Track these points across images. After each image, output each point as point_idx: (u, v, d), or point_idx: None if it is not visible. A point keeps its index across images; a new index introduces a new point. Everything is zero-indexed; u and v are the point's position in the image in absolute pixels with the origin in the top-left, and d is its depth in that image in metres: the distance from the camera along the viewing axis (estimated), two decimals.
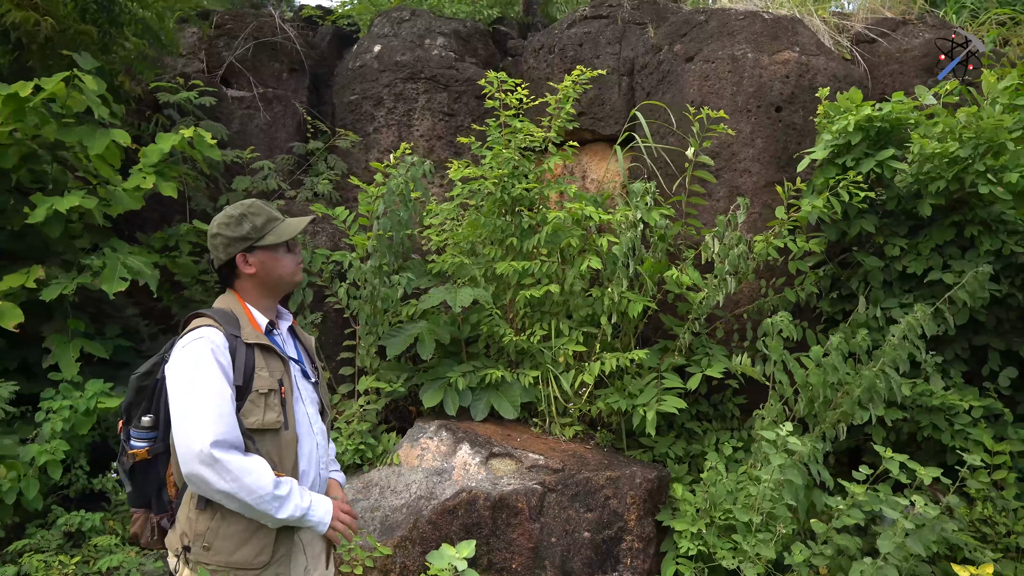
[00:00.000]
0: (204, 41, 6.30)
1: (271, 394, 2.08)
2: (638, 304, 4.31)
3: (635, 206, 4.36)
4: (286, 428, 2.10)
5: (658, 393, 4.22)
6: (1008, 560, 3.64)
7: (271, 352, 2.15)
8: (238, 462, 1.94)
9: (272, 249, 2.23)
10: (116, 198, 4.49)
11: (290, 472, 2.11)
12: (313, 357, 2.43)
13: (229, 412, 1.97)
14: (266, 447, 2.06)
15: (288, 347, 2.31)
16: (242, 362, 2.06)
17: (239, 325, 2.14)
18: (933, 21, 5.95)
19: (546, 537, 3.80)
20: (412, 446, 4.25)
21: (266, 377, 2.09)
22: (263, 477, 1.96)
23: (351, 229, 4.87)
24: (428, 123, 6.07)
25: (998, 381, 4.19)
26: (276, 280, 2.25)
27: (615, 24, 5.96)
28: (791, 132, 4.90)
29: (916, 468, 3.30)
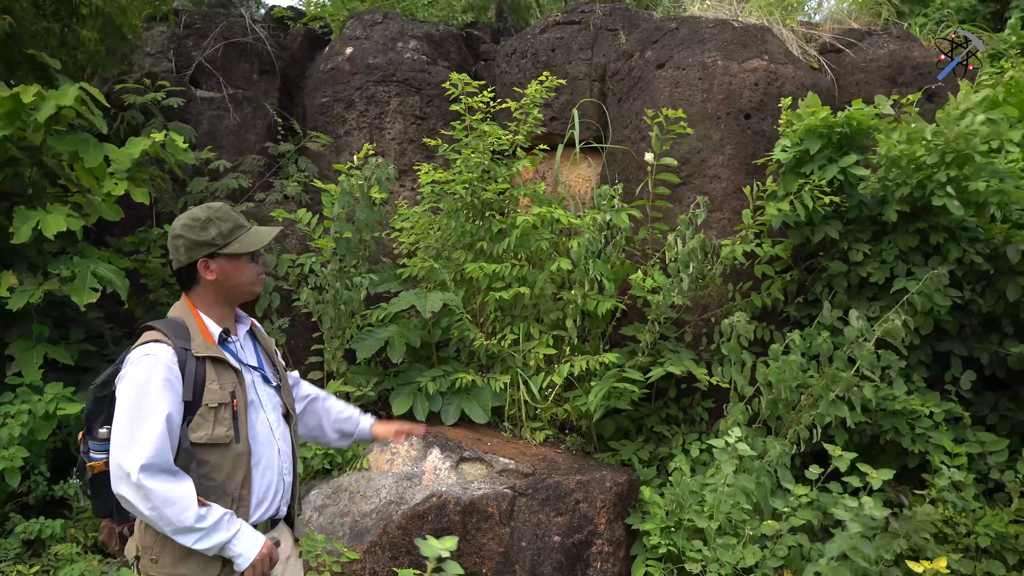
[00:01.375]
0: (173, 40, 6.21)
1: (221, 408, 2.04)
2: (605, 303, 4.33)
3: (602, 208, 4.38)
4: (236, 442, 2.06)
5: (613, 381, 4.23)
6: (968, 559, 3.71)
7: (223, 364, 2.11)
8: (163, 491, 1.89)
9: (236, 258, 2.18)
10: (95, 209, 4.43)
11: (239, 485, 2.06)
12: (275, 360, 2.38)
13: (164, 436, 1.93)
14: (214, 460, 2.03)
15: (246, 353, 2.26)
16: (191, 376, 2.02)
17: (189, 337, 2.09)
18: (898, 32, 6.07)
19: (516, 541, 3.79)
20: (382, 451, 4.22)
21: (216, 391, 2.05)
22: (185, 511, 1.90)
23: (315, 232, 4.84)
24: (400, 126, 6.05)
25: (959, 385, 4.27)
26: (236, 289, 2.20)
27: (587, 30, 6.00)
28: (760, 139, 4.96)
29: (868, 471, 3.34)
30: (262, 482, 2.14)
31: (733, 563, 3.45)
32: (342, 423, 2.62)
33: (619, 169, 5.40)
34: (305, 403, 2.59)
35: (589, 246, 4.32)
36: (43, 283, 4.23)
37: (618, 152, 5.44)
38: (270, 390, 2.27)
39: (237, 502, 2.06)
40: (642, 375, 4.31)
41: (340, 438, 2.65)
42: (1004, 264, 4.16)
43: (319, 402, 2.61)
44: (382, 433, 2.64)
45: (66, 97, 4.11)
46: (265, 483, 2.15)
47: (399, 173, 5.99)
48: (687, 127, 4.73)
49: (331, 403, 2.63)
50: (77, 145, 4.32)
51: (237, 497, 2.06)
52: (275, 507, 2.20)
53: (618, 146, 5.21)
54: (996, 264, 4.18)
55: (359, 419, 2.64)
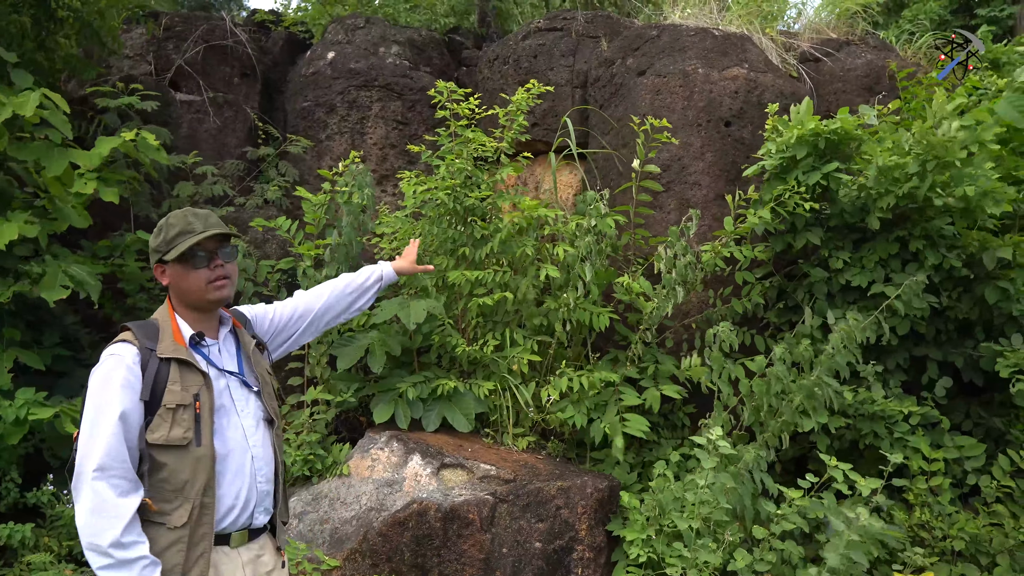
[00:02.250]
0: (152, 43, 6.16)
1: (180, 409, 2.02)
2: (603, 318, 4.36)
3: (588, 213, 4.40)
4: (197, 444, 2.03)
5: (619, 411, 4.24)
6: (943, 563, 3.75)
7: (189, 366, 2.09)
8: (103, 498, 1.89)
9: (180, 264, 2.15)
10: (63, 215, 4.37)
11: (201, 491, 2.02)
12: (258, 363, 2.33)
13: (118, 436, 1.94)
14: (172, 463, 2.00)
15: (223, 358, 2.23)
16: (151, 377, 2.03)
17: (159, 337, 2.10)
18: (875, 43, 6.16)
19: (497, 548, 3.78)
20: (363, 457, 4.20)
21: (177, 392, 2.03)
22: (106, 530, 1.88)
23: (296, 238, 4.81)
24: (381, 131, 6.03)
25: (935, 390, 4.33)
26: (187, 294, 2.18)
27: (569, 37, 6.03)
28: (740, 147, 5.01)
29: (857, 479, 3.37)
30: (230, 489, 2.10)
31: (714, 565, 3.47)
32: (365, 288, 2.77)
33: (601, 175, 5.42)
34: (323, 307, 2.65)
35: (581, 252, 4.34)
36: (12, 285, 4.16)
37: (600, 158, 5.46)
38: (249, 395, 2.23)
39: (199, 509, 2.02)
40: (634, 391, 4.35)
41: (372, 297, 2.82)
42: (981, 270, 4.22)
43: (336, 295, 2.69)
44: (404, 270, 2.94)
45: (27, 105, 4.07)
46: (234, 490, 2.11)
47: (380, 178, 5.98)
48: (670, 136, 4.76)
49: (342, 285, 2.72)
50: (39, 153, 4.29)
51: (199, 504, 2.02)
52: (250, 516, 2.15)
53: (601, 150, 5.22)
54: (973, 270, 4.25)
55: (381, 273, 2.82)
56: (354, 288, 2.74)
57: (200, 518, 2.02)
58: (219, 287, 2.17)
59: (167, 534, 2.00)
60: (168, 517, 2.00)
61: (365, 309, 2.84)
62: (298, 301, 2.63)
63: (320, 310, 2.64)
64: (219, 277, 2.17)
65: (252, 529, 2.18)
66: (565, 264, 4.44)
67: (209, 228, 2.15)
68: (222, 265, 2.18)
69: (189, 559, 2.00)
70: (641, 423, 4.17)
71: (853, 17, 6.46)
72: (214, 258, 2.17)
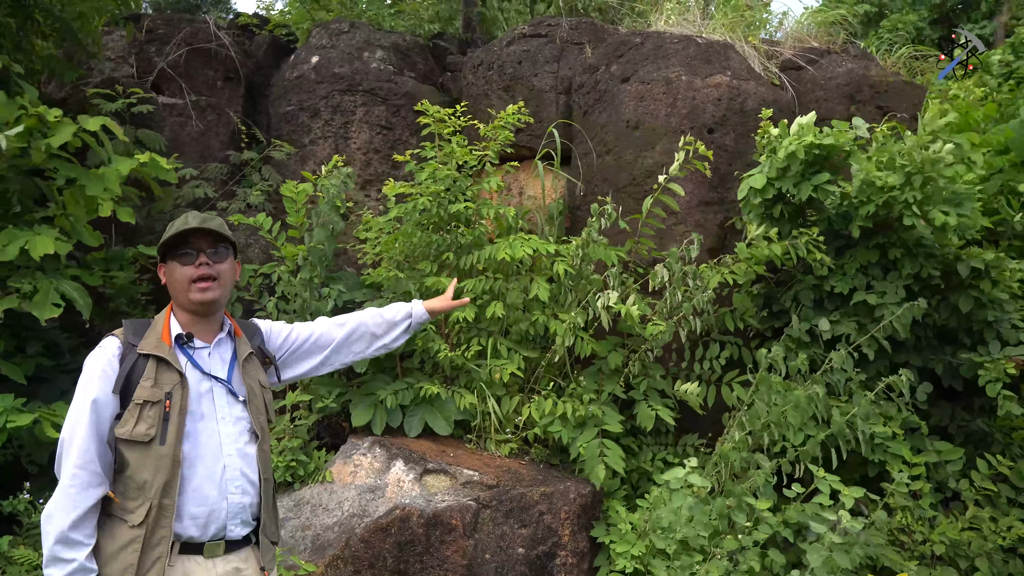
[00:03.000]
0: (134, 45, 6.11)
1: (148, 406, 2.02)
2: (587, 347, 4.41)
3: (589, 226, 4.39)
4: (160, 443, 2.01)
5: (598, 434, 4.23)
6: (924, 567, 3.78)
7: (166, 364, 2.08)
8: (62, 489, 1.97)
9: (171, 261, 2.18)
10: (76, 233, 4.47)
11: (160, 492, 1.99)
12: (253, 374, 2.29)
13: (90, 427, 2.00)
14: (135, 459, 2.01)
15: (212, 363, 2.21)
16: (127, 371, 2.06)
17: (145, 334, 2.14)
18: (855, 52, 6.23)
19: (480, 554, 3.77)
20: (345, 463, 4.17)
21: (148, 388, 2.04)
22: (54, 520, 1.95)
23: (278, 240, 4.78)
24: (365, 136, 6.02)
25: (916, 396, 4.36)
26: (174, 294, 2.20)
27: (553, 43, 6.04)
28: (723, 153, 5.04)
29: (841, 489, 3.39)
30: (196, 495, 2.06)
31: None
32: (393, 323, 2.69)
33: (584, 181, 5.44)
34: (344, 337, 2.58)
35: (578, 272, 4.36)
36: (1, 299, 4.12)
37: (584, 165, 5.48)
38: (234, 404, 2.20)
39: (158, 509, 2.00)
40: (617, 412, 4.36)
41: (401, 336, 2.73)
42: (956, 279, 4.27)
43: (360, 328, 2.62)
44: (437, 310, 2.80)
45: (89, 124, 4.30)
46: (199, 497, 2.07)
47: (364, 183, 5.96)
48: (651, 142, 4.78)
49: (368, 318, 2.66)
50: (78, 173, 4.40)
51: (158, 504, 2.00)
52: (221, 527, 2.11)
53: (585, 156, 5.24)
54: (949, 279, 4.29)
55: (411, 311, 2.73)
56: (380, 322, 2.66)
57: (158, 520, 1.99)
58: (202, 288, 2.15)
59: (127, 532, 1.99)
60: (130, 515, 2.00)
61: (393, 349, 2.73)
62: (317, 325, 2.58)
63: (340, 339, 2.57)
64: (203, 277, 2.15)
65: (229, 541, 2.13)
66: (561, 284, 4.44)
67: (201, 226, 2.15)
68: (208, 264, 2.16)
69: (144, 562, 1.97)
70: (618, 456, 4.14)
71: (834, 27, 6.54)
72: (200, 257, 2.16)
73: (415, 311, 2.72)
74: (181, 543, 2.04)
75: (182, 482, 2.04)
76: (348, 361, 2.63)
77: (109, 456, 2.02)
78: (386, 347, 2.69)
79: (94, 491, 1.97)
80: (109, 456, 2.02)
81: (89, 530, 1.97)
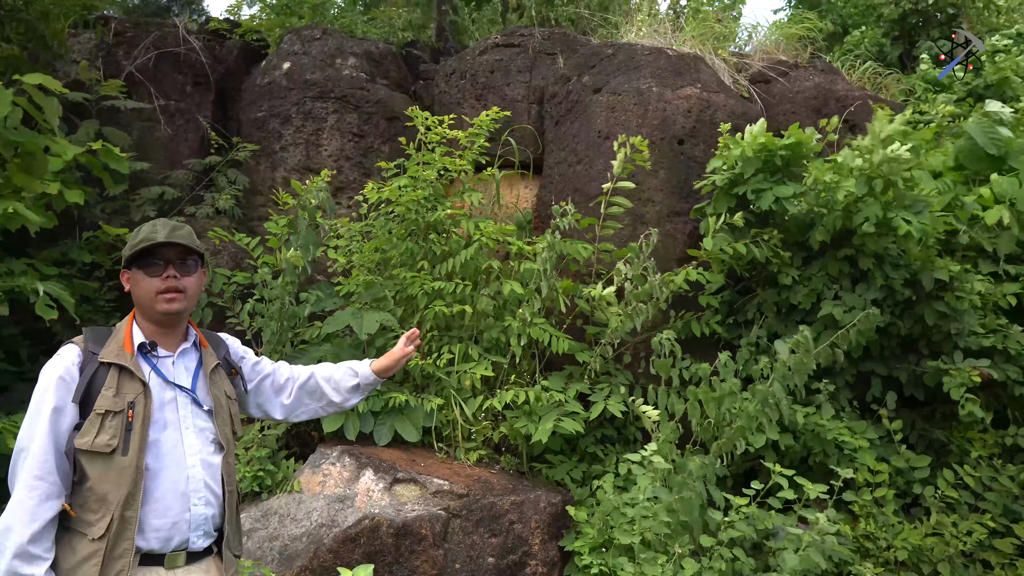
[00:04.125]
0: (102, 48, 6.02)
1: (110, 415, 1.98)
2: (563, 343, 4.39)
3: (551, 226, 4.42)
4: (123, 454, 1.97)
5: (557, 416, 4.26)
6: (888, 572, 3.84)
7: (129, 373, 2.05)
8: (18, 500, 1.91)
9: (137, 270, 2.13)
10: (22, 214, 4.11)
11: (123, 503, 1.96)
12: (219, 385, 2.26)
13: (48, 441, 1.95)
14: (97, 471, 1.96)
15: (176, 372, 2.17)
16: (87, 380, 2.01)
17: (107, 342, 2.09)
18: (822, 66, 6.36)
19: (450, 564, 3.75)
20: (314, 472, 4.13)
21: (110, 397, 2.00)
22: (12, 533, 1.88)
23: (255, 251, 4.75)
24: (337, 143, 5.99)
25: (885, 404, 4.44)
26: (139, 304, 2.16)
27: (526, 53, 6.08)
28: (692, 164, 5.10)
29: (804, 483, 3.44)
30: (158, 506, 2.02)
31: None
32: (344, 383, 2.58)
33: (556, 190, 5.46)
34: (296, 388, 2.53)
35: (544, 267, 4.35)
36: None
37: (556, 173, 5.50)
38: (199, 414, 2.17)
39: (119, 522, 1.95)
40: (581, 405, 4.36)
41: (351, 397, 2.61)
42: (922, 290, 4.36)
43: (313, 380, 2.55)
44: (386, 366, 2.62)
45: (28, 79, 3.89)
46: (162, 507, 2.03)
47: (336, 190, 5.93)
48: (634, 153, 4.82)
49: (323, 372, 2.58)
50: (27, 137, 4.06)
51: (119, 517, 1.95)
52: (183, 539, 2.07)
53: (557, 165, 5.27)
54: (914, 289, 4.39)
55: (358, 369, 2.60)
56: (329, 378, 2.57)
57: (120, 532, 1.95)
58: (169, 299, 2.12)
59: (87, 545, 1.94)
60: (91, 528, 1.95)
61: (344, 408, 2.64)
62: (281, 365, 2.57)
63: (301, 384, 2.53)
64: (170, 289, 2.12)
65: (191, 552, 2.09)
66: (532, 274, 4.45)
67: (170, 238, 2.11)
68: (176, 277, 2.13)
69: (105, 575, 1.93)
70: (574, 425, 4.15)
71: (801, 41, 6.66)
72: (168, 269, 2.13)
73: (362, 373, 2.60)
74: (142, 555, 2.00)
75: (145, 493, 2.00)
76: (301, 412, 2.57)
77: (67, 467, 1.97)
78: (339, 407, 2.62)
79: (54, 503, 1.92)
80: (67, 467, 1.97)
81: (48, 543, 1.92)
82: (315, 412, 2.60)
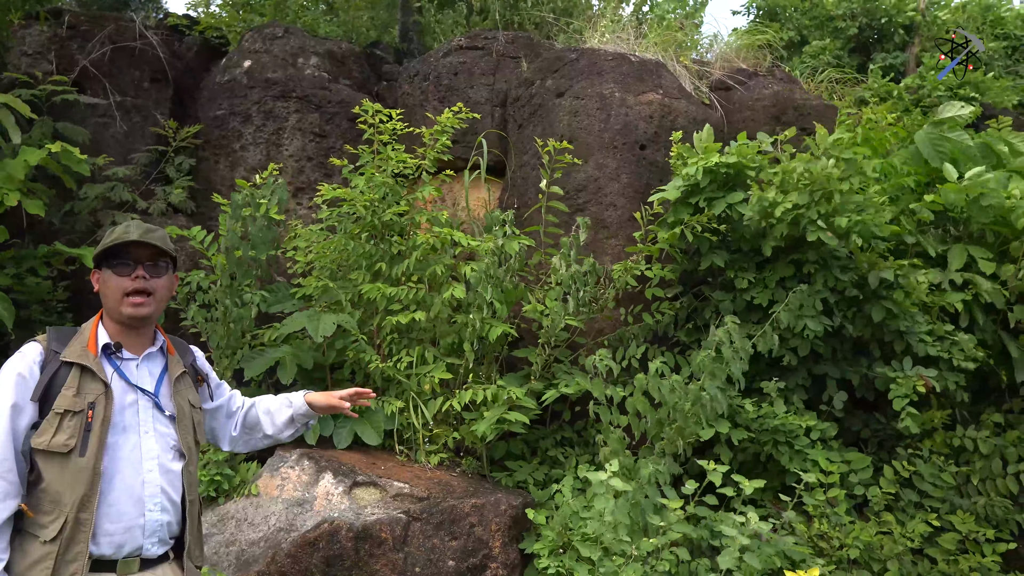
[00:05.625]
0: (55, 41, 5.86)
1: (69, 415, 1.95)
2: (497, 329, 4.37)
3: (495, 234, 4.43)
4: (80, 455, 1.94)
5: (506, 408, 4.27)
6: (841, 571, 3.93)
7: (91, 374, 2.02)
8: None
9: (107, 269, 2.10)
10: None
11: (78, 505, 1.92)
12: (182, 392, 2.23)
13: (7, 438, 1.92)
14: (53, 471, 1.93)
15: (140, 375, 2.14)
16: (48, 379, 1.99)
17: (70, 341, 2.06)
18: (781, 75, 6.49)
19: (410, 567, 3.74)
20: (272, 476, 4.08)
21: (70, 397, 1.97)
22: None
23: (209, 250, 4.67)
24: (298, 143, 5.93)
25: (833, 404, 4.55)
26: (105, 304, 2.13)
27: (490, 56, 6.09)
28: (654, 169, 5.16)
29: (741, 480, 3.48)
30: (112, 510, 1.99)
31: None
32: (279, 415, 2.51)
33: (518, 194, 5.49)
34: (241, 419, 2.49)
35: (486, 270, 4.35)
36: None
37: (518, 177, 5.53)
38: (160, 419, 2.13)
39: (73, 524, 1.91)
40: (536, 401, 4.36)
41: (285, 429, 2.53)
42: (869, 291, 4.48)
43: (253, 410, 2.51)
44: (318, 402, 2.52)
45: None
46: (115, 512, 1.99)
47: (296, 191, 5.87)
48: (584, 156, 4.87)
49: (263, 404, 2.53)
50: None
51: (74, 519, 1.91)
52: (136, 544, 2.03)
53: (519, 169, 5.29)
54: (863, 290, 4.50)
55: (293, 400, 2.53)
56: (267, 410, 2.52)
57: (74, 535, 1.91)
58: (134, 303, 2.09)
59: (38, 548, 1.90)
60: (43, 530, 1.91)
61: (281, 441, 2.57)
62: (235, 392, 2.54)
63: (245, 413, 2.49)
64: (137, 291, 2.09)
65: (145, 559, 2.05)
66: (478, 279, 4.45)
67: (142, 238, 2.08)
68: (146, 278, 2.10)
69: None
70: (520, 417, 4.16)
71: (761, 49, 6.79)
72: (138, 269, 2.10)
73: (295, 404, 2.51)
74: (93, 560, 1.96)
75: (101, 496, 1.97)
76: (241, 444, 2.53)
77: (23, 466, 1.93)
78: (274, 440, 2.56)
79: (11, 502, 1.89)
80: (23, 466, 1.93)
81: (3, 543, 1.89)
82: (253, 444, 2.55)
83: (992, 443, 4.45)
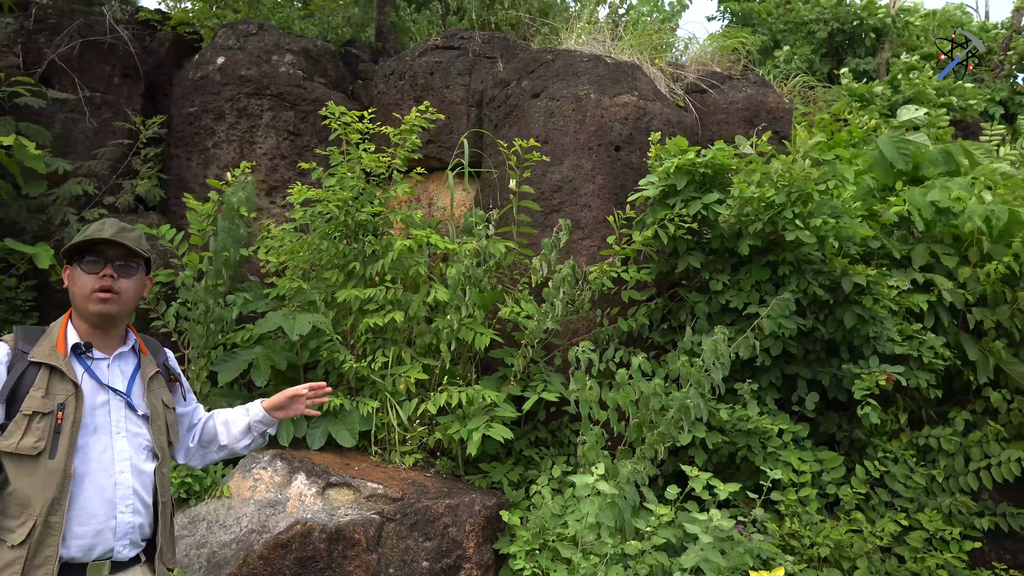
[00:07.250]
0: (21, 33, 5.74)
1: (37, 417, 1.91)
2: (484, 338, 4.37)
3: (476, 234, 4.43)
4: (50, 457, 1.91)
5: (488, 420, 4.27)
6: (811, 569, 3.98)
7: (60, 374, 1.98)
8: None
9: (76, 265, 2.07)
10: None
11: (47, 508, 1.88)
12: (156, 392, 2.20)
13: None
14: (22, 474, 1.89)
15: (111, 375, 2.10)
16: (15, 379, 1.95)
17: (38, 341, 2.02)
18: (755, 79, 6.55)
19: (384, 568, 3.72)
20: (244, 477, 4.04)
21: (38, 398, 1.93)
22: None
23: (180, 248, 4.61)
24: (272, 141, 5.87)
25: (805, 406, 4.61)
26: (73, 301, 2.09)
27: (466, 56, 6.08)
28: (629, 171, 5.19)
29: (716, 484, 3.53)
30: (82, 512, 1.95)
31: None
32: (236, 424, 2.47)
33: (492, 195, 5.48)
34: (199, 432, 2.45)
35: (465, 272, 4.35)
36: None
37: (493, 178, 5.52)
38: (133, 419, 2.10)
39: (43, 528, 1.88)
40: (514, 407, 4.37)
41: (241, 438, 2.47)
42: (841, 295, 4.54)
43: (211, 422, 2.47)
44: (274, 402, 2.47)
45: None
46: (85, 514, 1.96)
47: (270, 189, 5.82)
48: (560, 157, 4.88)
49: (221, 416, 2.49)
50: None
51: (43, 523, 1.88)
52: (107, 547, 2.00)
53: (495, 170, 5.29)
54: (835, 295, 4.57)
55: (250, 408, 2.48)
56: (225, 421, 2.48)
57: (43, 539, 1.88)
58: (102, 299, 2.05)
59: (5, 553, 1.86)
60: (10, 534, 1.87)
61: (237, 453, 2.51)
62: (199, 404, 2.50)
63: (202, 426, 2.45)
64: (104, 288, 2.05)
65: (115, 562, 2.02)
66: (458, 281, 4.44)
67: (115, 237, 2.05)
68: (114, 277, 2.07)
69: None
70: (503, 431, 4.17)
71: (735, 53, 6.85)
72: (107, 268, 2.06)
73: (252, 411, 2.47)
74: (62, 563, 1.92)
75: (71, 499, 1.93)
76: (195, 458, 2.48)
77: None
78: (230, 451, 2.50)
79: None
80: None
81: None
82: (208, 459, 2.50)
83: (956, 441, 4.53)
